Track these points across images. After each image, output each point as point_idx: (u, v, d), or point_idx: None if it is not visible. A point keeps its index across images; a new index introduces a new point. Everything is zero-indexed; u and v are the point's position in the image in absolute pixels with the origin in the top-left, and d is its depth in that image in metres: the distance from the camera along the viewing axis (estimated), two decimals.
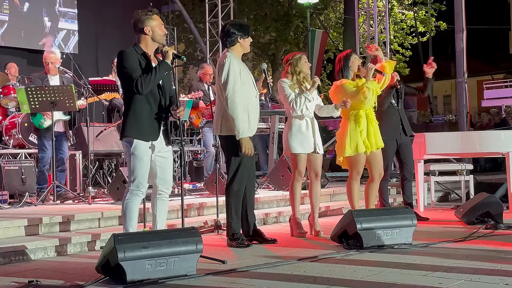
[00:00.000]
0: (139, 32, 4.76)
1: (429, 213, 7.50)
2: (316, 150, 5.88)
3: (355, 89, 5.93)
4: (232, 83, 5.25)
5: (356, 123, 5.99)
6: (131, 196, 4.71)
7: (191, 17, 17.72)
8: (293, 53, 6.08)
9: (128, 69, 4.63)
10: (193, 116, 8.84)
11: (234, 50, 5.44)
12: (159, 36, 4.79)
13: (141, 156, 4.67)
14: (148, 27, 4.75)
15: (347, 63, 6.09)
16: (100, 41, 11.73)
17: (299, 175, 5.90)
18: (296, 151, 5.85)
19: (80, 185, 8.12)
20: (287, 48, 20.58)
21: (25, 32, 11.04)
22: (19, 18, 10.98)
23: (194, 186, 8.80)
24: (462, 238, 5.55)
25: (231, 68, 5.29)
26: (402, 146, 6.89)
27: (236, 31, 5.41)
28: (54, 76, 7.54)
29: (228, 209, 5.44)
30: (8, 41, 10.84)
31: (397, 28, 19.12)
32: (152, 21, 4.76)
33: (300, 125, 5.86)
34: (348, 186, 6.13)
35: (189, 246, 4.19)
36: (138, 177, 4.68)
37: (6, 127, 8.17)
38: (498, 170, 12.17)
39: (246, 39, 5.46)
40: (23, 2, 11.04)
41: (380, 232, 5.13)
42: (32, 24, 11.13)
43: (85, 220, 5.85)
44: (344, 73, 6.08)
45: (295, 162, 5.89)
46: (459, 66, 11.89)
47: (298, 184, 5.94)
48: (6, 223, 5.32)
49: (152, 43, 4.79)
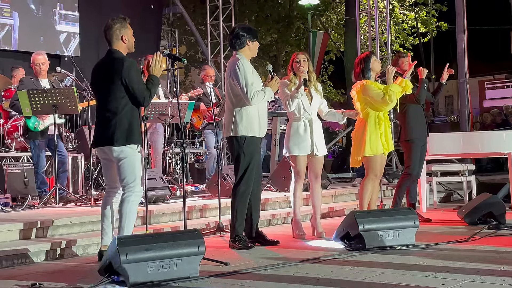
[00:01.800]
0: (116, 39, 4.81)
1: (432, 214, 7.49)
2: (314, 152, 5.88)
3: (380, 91, 5.94)
4: (251, 85, 5.31)
5: (376, 124, 6.00)
6: (137, 198, 4.79)
7: (192, 19, 17.72)
8: (296, 53, 6.09)
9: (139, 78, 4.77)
10: (194, 118, 8.84)
11: (242, 53, 5.49)
12: (131, 45, 4.89)
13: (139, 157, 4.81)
14: (125, 36, 4.83)
15: (367, 64, 6.10)
16: (101, 43, 11.71)
17: (298, 177, 5.91)
18: (293, 153, 5.87)
19: (82, 187, 8.13)
20: (289, 50, 20.57)
21: (29, 36, 11.02)
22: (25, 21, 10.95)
23: (196, 188, 8.82)
24: (464, 238, 5.54)
25: (247, 70, 5.36)
26: (423, 147, 6.92)
27: (246, 34, 5.47)
28: (44, 80, 7.42)
29: (233, 211, 5.45)
30: (10, 44, 10.80)
31: (398, 29, 19.09)
32: (128, 30, 4.86)
33: (297, 127, 5.88)
34: (361, 186, 6.12)
35: (192, 248, 4.19)
36: (140, 178, 4.77)
37: (8, 130, 8.18)
38: (500, 171, 12.14)
39: (254, 43, 5.54)
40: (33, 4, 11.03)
41: (382, 233, 5.13)
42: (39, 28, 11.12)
43: (87, 223, 5.86)
44: (366, 74, 6.09)
45: (294, 164, 5.90)
46: (460, 66, 11.90)
47: (298, 185, 5.94)
48: (8, 226, 5.33)
49: (126, 51, 4.87)
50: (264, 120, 5.55)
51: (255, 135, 5.44)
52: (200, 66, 13.41)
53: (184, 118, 7.76)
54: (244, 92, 5.31)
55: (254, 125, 5.41)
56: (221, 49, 13.24)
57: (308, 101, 5.91)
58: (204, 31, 15.10)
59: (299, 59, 5.92)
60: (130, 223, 4.74)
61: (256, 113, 5.43)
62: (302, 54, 6.01)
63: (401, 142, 6.94)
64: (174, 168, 9.77)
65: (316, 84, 6.05)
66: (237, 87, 5.36)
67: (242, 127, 5.38)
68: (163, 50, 6.00)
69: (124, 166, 4.73)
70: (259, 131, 5.47)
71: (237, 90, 5.38)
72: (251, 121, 5.40)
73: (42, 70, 7.38)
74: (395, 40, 18.84)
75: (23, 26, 10.82)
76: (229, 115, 5.47)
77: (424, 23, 19.31)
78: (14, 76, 8.76)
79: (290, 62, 6.01)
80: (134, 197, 4.75)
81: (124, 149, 4.72)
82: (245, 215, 5.46)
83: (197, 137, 12.33)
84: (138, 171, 4.79)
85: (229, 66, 5.50)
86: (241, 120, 5.38)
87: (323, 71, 21.21)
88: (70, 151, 8.27)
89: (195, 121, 8.90)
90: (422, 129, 6.88)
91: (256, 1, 20.28)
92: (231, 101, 5.46)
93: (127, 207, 4.73)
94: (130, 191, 4.74)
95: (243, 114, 5.39)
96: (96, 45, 11.58)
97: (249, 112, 5.39)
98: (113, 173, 4.88)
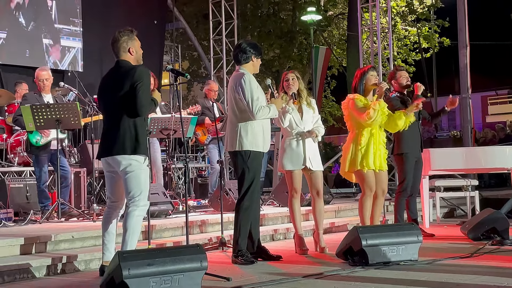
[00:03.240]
0: (123, 52, 4.81)
1: (435, 229, 7.46)
2: (308, 166, 5.87)
3: (362, 106, 5.93)
4: (256, 99, 5.32)
5: (358, 140, 5.99)
6: (142, 212, 4.75)
7: (195, 35, 17.81)
8: (286, 72, 6.11)
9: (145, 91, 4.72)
10: (199, 132, 8.83)
11: (246, 68, 5.51)
12: (139, 57, 4.88)
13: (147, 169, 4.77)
14: (133, 48, 4.83)
15: (362, 79, 6.11)
16: (104, 58, 11.79)
17: (294, 192, 5.91)
18: (286, 168, 5.87)
19: (85, 202, 8.12)
20: (291, 65, 20.63)
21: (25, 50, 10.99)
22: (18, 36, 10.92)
23: (198, 203, 8.81)
24: (468, 254, 5.52)
25: (252, 84, 5.38)
26: (417, 162, 6.90)
27: (252, 50, 5.53)
28: (47, 95, 7.40)
29: (236, 225, 5.43)
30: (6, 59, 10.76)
31: (400, 44, 19.16)
32: (135, 42, 4.85)
33: (290, 142, 5.89)
34: (360, 203, 6.12)
35: (194, 263, 4.17)
36: (147, 191, 4.74)
37: (11, 145, 8.19)
38: (504, 186, 12.11)
39: (258, 60, 5.59)
40: (24, 20, 11.01)
41: (385, 248, 5.11)
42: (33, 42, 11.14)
43: (89, 238, 5.84)
44: (358, 89, 6.09)
45: (289, 179, 5.90)
46: (463, 81, 11.90)
47: (296, 201, 5.94)
48: (10, 240, 5.32)
49: (134, 63, 4.86)
50: (268, 135, 5.56)
51: (259, 150, 5.43)
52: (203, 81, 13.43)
53: (187, 132, 7.76)
54: (249, 106, 5.31)
55: (258, 140, 5.41)
56: (223, 64, 13.27)
57: (299, 116, 5.91)
58: (207, 46, 15.19)
59: (288, 78, 5.94)
60: (134, 238, 4.71)
61: (261, 128, 5.42)
62: (291, 72, 6.03)
63: (393, 155, 6.93)
64: (177, 183, 9.77)
65: (308, 99, 6.03)
66: (242, 101, 5.35)
67: (247, 142, 5.37)
68: (166, 65, 6.01)
69: (130, 179, 4.69)
70: (263, 146, 5.47)
71: (242, 105, 5.37)
72: (255, 136, 5.39)
73: (46, 86, 7.39)
74: (397, 55, 18.89)
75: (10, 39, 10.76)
76: (232, 130, 5.46)
77: (427, 39, 19.37)
78: (17, 91, 8.78)
79: (281, 81, 6.02)
80: (139, 212, 4.71)
81: (131, 161, 4.68)
82: (248, 230, 5.44)
83: (199, 152, 12.35)
84: (145, 185, 4.74)
85: (233, 80, 5.48)
86: (246, 134, 5.37)
87: (326, 86, 21.25)
88: (72, 165, 8.27)
89: (200, 136, 8.89)
90: (416, 144, 6.85)
91: (258, 17, 20.39)
92: (235, 115, 5.45)
93: (132, 222, 4.69)
94: (135, 205, 4.70)
95: (248, 128, 5.38)
96: (99, 60, 11.64)
97: (254, 126, 5.39)
98: (116, 187, 4.83)
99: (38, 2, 11.21)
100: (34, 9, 11.09)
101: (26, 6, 10.99)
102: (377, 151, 6.01)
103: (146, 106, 4.69)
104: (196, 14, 19.52)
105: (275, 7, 20.82)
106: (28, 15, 11.01)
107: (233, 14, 13.45)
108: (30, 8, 11.05)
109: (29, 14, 11.01)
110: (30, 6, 11.05)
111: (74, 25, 11.73)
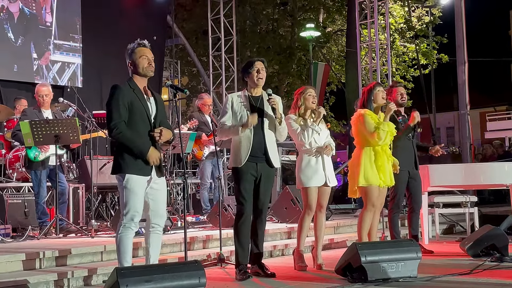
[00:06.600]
0: (127, 67, 4.81)
1: (434, 246, 7.44)
2: (327, 183, 5.87)
3: (373, 125, 5.97)
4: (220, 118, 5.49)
5: (372, 156, 6.01)
6: (124, 230, 4.61)
7: (194, 51, 17.90)
8: (302, 87, 6.09)
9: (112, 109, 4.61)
10: (195, 148, 8.75)
11: (248, 85, 5.60)
12: (141, 69, 4.75)
13: (133, 189, 4.59)
14: (130, 61, 4.77)
15: (370, 96, 6.14)
16: (103, 74, 11.83)
17: (309, 209, 5.85)
18: (306, 185, 5.82)
19: (83, 218, 8.09)
20: (290, 81, 20.70)
21: (18, 66, 10.97)
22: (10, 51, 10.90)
23: (197, 219, 8.78)
24: (467, 270, 5.49)
25: (227, 104, 5.53)
26: (413, 179, 6.90)
27: (242, 71, 5.62)
28: (47, 111, 7.40)
29: (235, 240, 5.44)
30: None
31: (399, 61, 19.24)
32: (133, 55, 4.76)
33: (309, 159, 5.85)
34: (360, 217, 6.10)
35: (192, 280, 4.16)
36: (131, 211, 4.59)
37: (10, 160, 8.19)
38: (503, 202, 12.07)
39: (250, 74, 5.58)
40: (18, 36, 11.01)
41: (385, 265, 5.09)
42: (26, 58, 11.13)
43: (87, 254, 5.82)
44: (367, 106, 6.12)
45: (306, 196, 5.86)
46: (461, 98, 11.95)
47: (308, 218, 5.90)
48: (8, 256, 5.29)
49: (139, 76, 4.77)
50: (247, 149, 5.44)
51: (237, 165, 5.43)
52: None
53: (186, 148, 7.76)
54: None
55: (237, 156, 5.43)
56: (222, 80, 13.32)
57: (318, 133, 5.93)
58: (206, 62, 15.25)
59: (311, 93, 5.91)
60: (123, 256, 4.61)
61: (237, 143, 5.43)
62: (312, 88, 6.03)
63: None
64: (175, 199, 9.74)
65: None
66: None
67: (231, 159, 5.49)
68: (166, 81, 6.00)
69: (120, 196, 4.71)
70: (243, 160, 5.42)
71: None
72: (235, 152, 5.44)
73: (45, 102, 7.39)
74: (396, 71, 18.97)
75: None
76: (231, 146, 5.55)
77: (425, 55, 19.45)
78: (16, 107, 8.79)
79: (299, 95, 5.96)
80: (122, 229, 4.61)
81: (117, 179, 4.67)
82: (248, 243, 5.44)
83: (198, 167, 12.33)
84: (131, 203, 4.57)
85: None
86: (232, 152, 5.51)
87: (325, 102, 21.31)
88: (71, 181, 8.26)
89: (196, 152, 8.84)
90: (409, 161, 6.84)
91: (257, 33, 20.51)
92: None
93: (117, 240, 4.65)
94: (119, 224, 4.66)
95: (231, 146, 5.52)
96: (98, 75, 11.66)
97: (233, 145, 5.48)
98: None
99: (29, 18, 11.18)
100: (23, 25, 11.06)
101: (16, 21, 10.97)
102: (384, 167, 6.02)
103: (111, 131, 4.58)
104: (195, 30, 19.64)
105: (274, 24, 20.95)
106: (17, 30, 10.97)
107: (232, 31, 13.52)
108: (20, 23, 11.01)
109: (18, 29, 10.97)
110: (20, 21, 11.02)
111: (74, 41, 11.77)
